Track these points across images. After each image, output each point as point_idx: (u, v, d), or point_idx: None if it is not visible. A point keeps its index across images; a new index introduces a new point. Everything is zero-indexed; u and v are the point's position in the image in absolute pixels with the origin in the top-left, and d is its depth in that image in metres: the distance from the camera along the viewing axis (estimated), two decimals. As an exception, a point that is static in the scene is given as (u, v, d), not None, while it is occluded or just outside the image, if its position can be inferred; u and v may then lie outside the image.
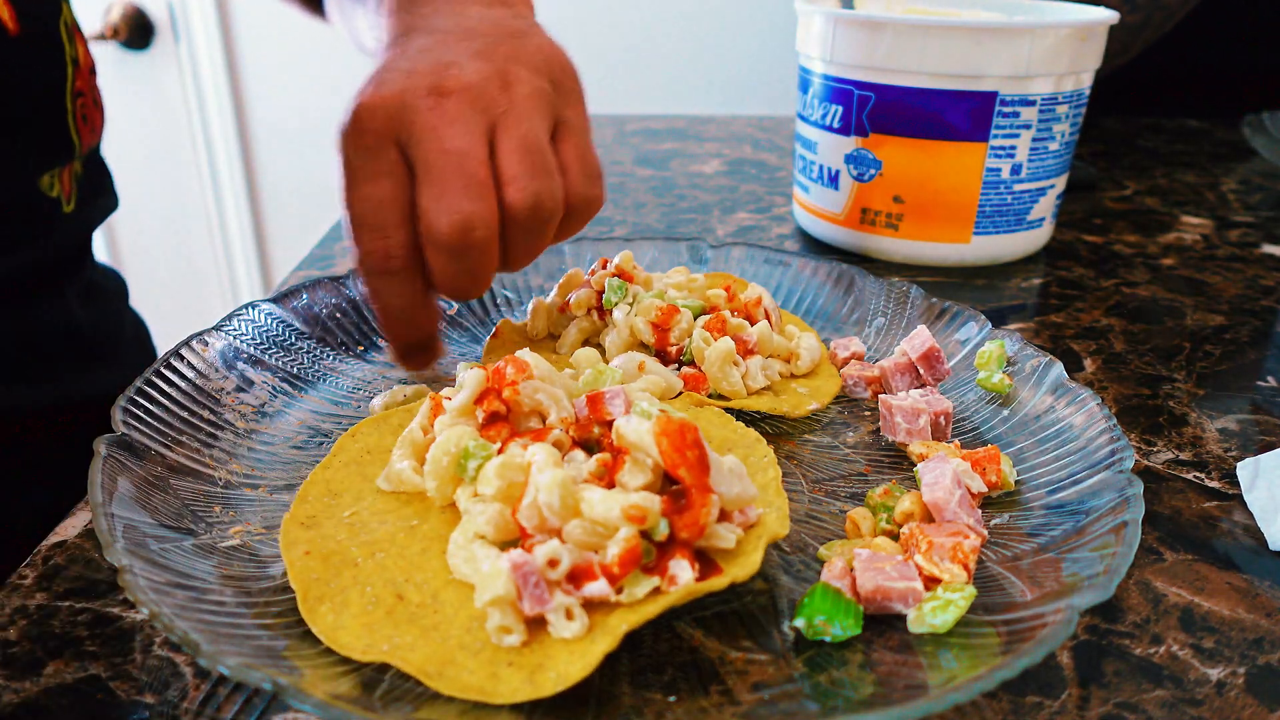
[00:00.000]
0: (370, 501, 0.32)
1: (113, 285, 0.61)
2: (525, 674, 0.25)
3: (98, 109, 0.53)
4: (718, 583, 0.27)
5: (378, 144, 0.36)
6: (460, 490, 0.31)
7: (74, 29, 0.50)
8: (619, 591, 0.27)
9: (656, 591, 0.27)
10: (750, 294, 0.44)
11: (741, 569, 0.28)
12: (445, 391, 0.35)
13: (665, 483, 0.29)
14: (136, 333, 0.62)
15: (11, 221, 0.48)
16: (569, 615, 0.26)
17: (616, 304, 0.42)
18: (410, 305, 0.37)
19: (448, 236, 0.35)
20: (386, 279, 0.36)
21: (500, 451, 0.31)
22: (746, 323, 0.42)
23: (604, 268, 0.45)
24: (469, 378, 0.33)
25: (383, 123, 0.36)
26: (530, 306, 0.45)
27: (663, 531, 0.27)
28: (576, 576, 0.27)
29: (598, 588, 0.27)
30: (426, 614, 0.27)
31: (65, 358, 0.52)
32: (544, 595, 0.26)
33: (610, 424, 0.32)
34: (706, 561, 0.28)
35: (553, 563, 0.27)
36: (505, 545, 0.29)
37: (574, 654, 0.26)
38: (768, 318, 0.43)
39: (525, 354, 0.33)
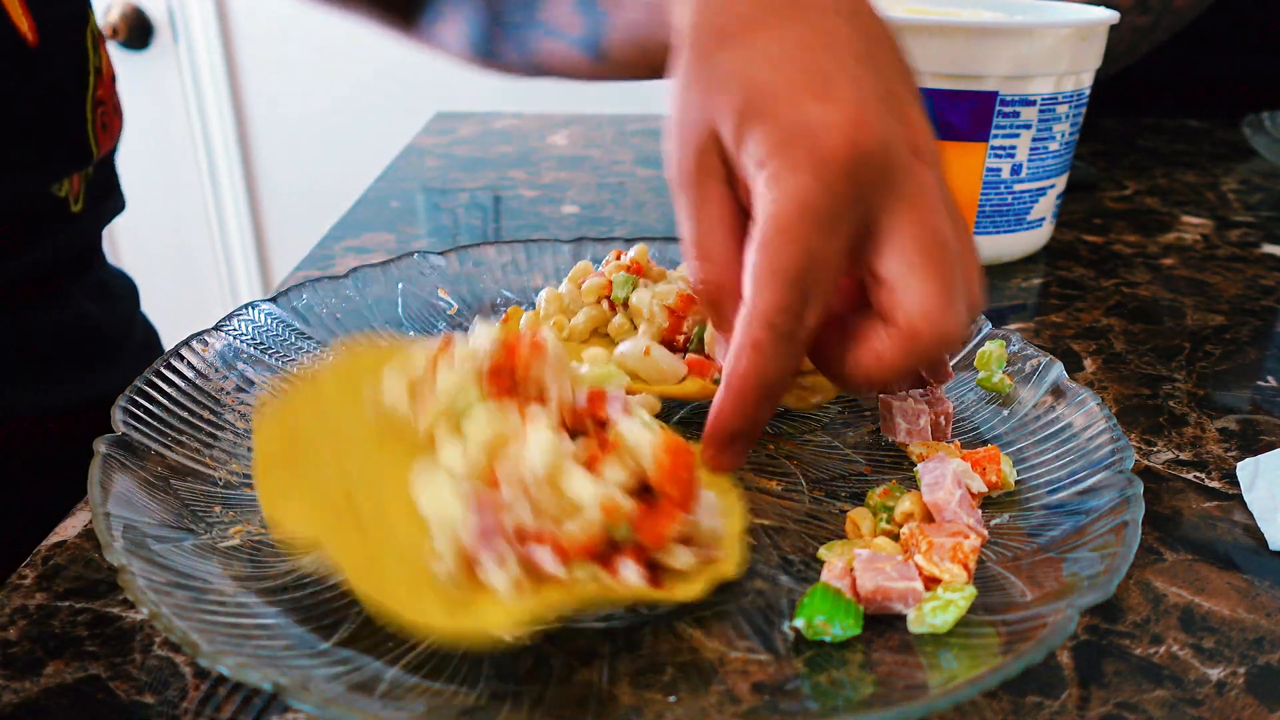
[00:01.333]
0: (349, 410, 0.32)
1: (123, 288, 0.61)
2: (447, 607, 0.26)
3: (117, 115, 0.53)
4: (658, 594, 0.27)
5: (855, 195, 0.29)
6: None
7: (99, 38, 0.51)
8: (567, 568, 0.27)
9: (597, 583, 0.27)
10: None
11: (685, 592, 0.28)
12: (458, 336, 0.34)
13: (640, 489, 0.29)
14: (146, 338, 0.62)
15: (21, 223, 0.48)
16: (502, 563, 0.26)
17: (624, 299, 0.42)
18: (785, 380, 0.31)
19: (945, 345, 0.29)
20: (783, 343, 0.30)
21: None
22: None
23: (618, 259, 0.45)
24: (489, 335, 0.32)
25: (867, 174, 0.29)
26: (544, 294, 0.45)
27: (623, 534, 0.27)
28: (526, 538, 0.27)
29: (544, 556, 0.26)
30: (370, 523, 0.28)
31: (74, 358, 0.52)
32: (494, 540, 0.26)
33: (603, 422, 0.32)
34: (654, 572, 0.28)
35: (510, 508, 0.27)
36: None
37: (498, 609, 0.26)
38: None
39: (546, 334, 0.33)
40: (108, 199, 0.56)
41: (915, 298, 0.29)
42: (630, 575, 0.27)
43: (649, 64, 0.48)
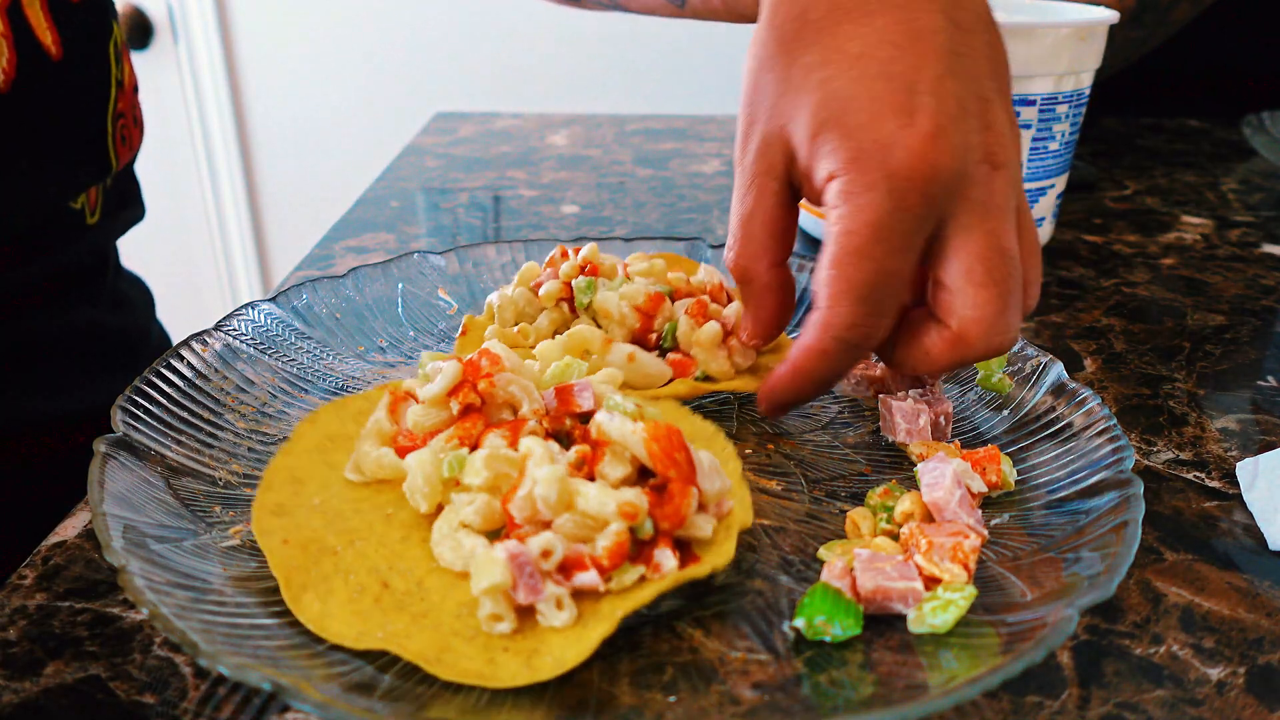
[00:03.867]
0: (338, 490, 0.32)
1: (140, 295, 0.61)
2: (522, 659, 0.26)
3: (137, 127, 0.53)
4: (699, 570, 0.28)
5: (927, 214, 0.30)
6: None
7: (123, 49, 0.50)
8: (608, 581, 0.28)
9: (642, 580, 0.28)
10: (707, 276, 0.43)
11: (719, 557, 0.29)
12: (408, 383, 0.35)
13: (641, 474, 0.30)
14: (161, 345, 0.62)
15: (37, 235, 0.48)
16: (559, 605, 0.27)
17: (588, 304, 0.42)
18: (840, 377, 0.33)
19: (994, 351, 0.31)
20: (850, 352, 0.32)
21: (477, 444, 0.31)
22: (718, 306, 0.42)
23: (564, 257, 0.44)
24: (445, 370, 0.33)
25: (940, 191, 0.29)
26: (494, 298, 0.44)
27: (648, 530, 0.28)
28: (566, 567, 0.27)
29: (588, 578, 0.27)
30: (413, 602, 0.28)
31: (86, 366, 0.52)
32: (538, 585, 0.27)
33: (580, 416, 0.33)
34: (684, 550, 0.29)
35: (546, 553, 0.27)
36: (490, 534, 0.29)
37: (568, 640, 0.26)
38: (731, 298, 0.43)
39: (495, 345, 0.34)
40: (126, 208, 0.56)
41: (970, 305, 0.30)
42: (668, 562, 0.28)
43: (731, 11, 0.49)
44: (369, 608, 0.27)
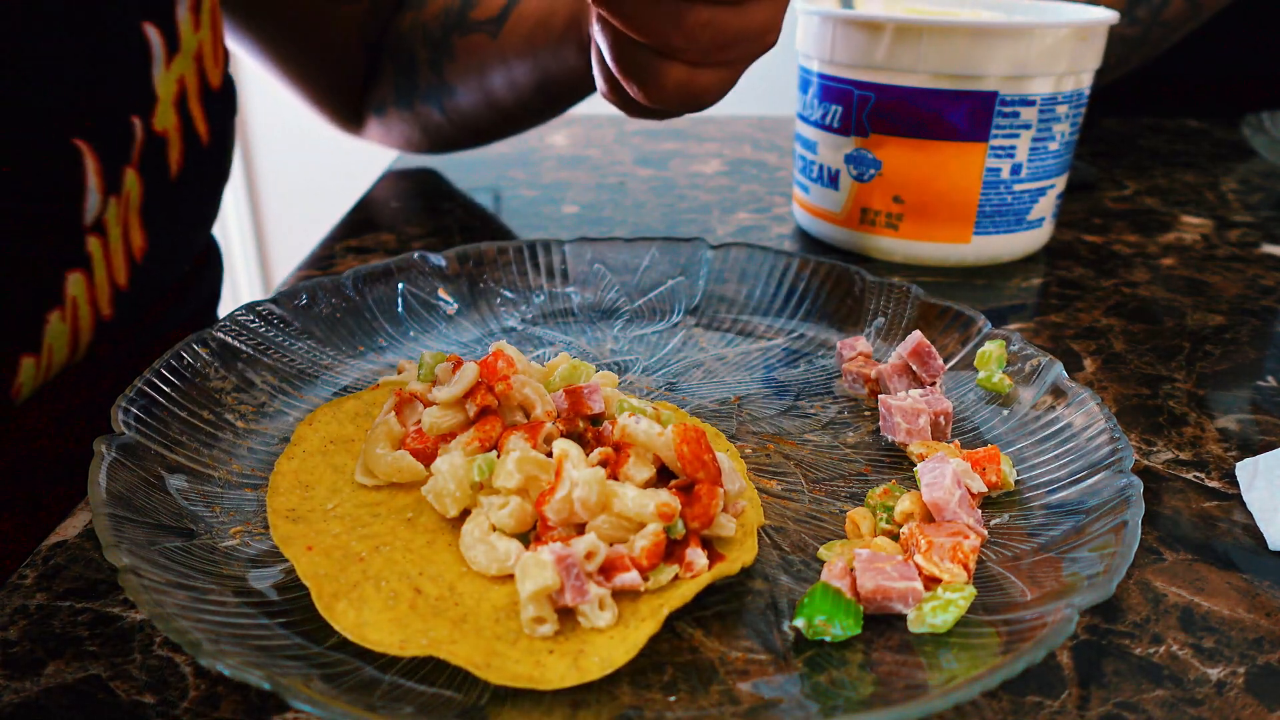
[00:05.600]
0: (349, 493, 0.32)
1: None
2: (569, 661, 0.26)
3: None
4: (729, 568, 0.29)
5: None
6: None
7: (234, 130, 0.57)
8: (645, 581, 0.28)
9: (676, 579, 0.28)
10: None
11: (745, 554, 0.30)
12: (412, 384, 0.35)
13: (662, 476, 0.31)
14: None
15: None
16: (601, 606, 0.27)
17: None
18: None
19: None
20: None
21: (496, 447, 0.31)
22: None
23: None
24: (462, 372, 0.33)
25: None
26: None
27: (680, 530, 0.29)
28: (606, 569, 0.28)
29: (630, 578, 0.28)
30: (448, 607, 0.28)
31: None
32: (584, 586, 0.27)
33: (590, 417, 0.33)
34: (709, 549, 0.30)
35: (590, 555, 0.27)
36: (519, 536, 0.29)
37: (613, 640, 0.26)
38: None
39: (504, 345, 0.34)
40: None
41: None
42: (700, 560, 0.29)
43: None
44: (406, 614, 0.27)
